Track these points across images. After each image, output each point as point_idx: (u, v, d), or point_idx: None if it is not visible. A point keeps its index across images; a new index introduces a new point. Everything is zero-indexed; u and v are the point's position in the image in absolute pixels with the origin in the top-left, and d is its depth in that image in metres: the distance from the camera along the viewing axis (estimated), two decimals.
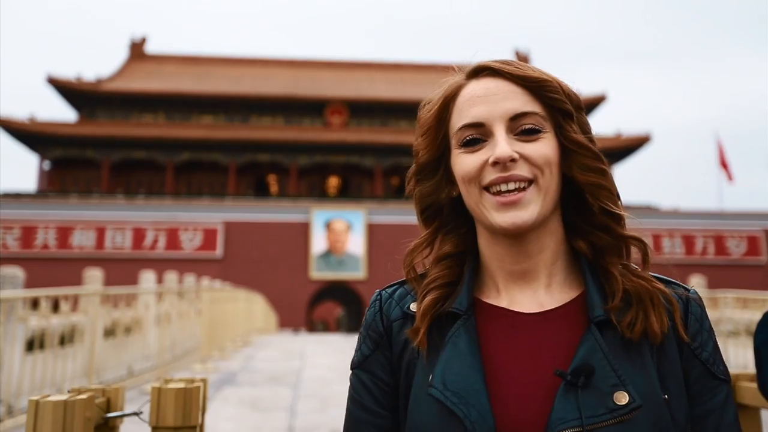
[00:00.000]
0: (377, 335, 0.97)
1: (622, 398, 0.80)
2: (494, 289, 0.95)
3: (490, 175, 0.87)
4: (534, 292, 0.92)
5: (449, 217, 0.99)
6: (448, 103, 0.94)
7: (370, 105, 41.10)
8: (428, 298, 0.93)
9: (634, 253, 0.95)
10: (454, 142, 0.93)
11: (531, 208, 0.87)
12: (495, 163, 0.87)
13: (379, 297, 1.01)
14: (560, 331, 0.89)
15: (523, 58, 45.53)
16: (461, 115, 0.91)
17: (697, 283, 11.91)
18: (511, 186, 0.86)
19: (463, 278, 0.95)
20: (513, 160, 0.86)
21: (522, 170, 0.87)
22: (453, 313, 0.91)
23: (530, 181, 0.87)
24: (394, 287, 1.01)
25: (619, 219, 0.93)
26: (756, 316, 10.35)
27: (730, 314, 9.62)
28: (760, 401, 1.52)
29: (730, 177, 35.72)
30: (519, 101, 0.89)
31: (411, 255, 0.99)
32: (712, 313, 10.30)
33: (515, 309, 0.92)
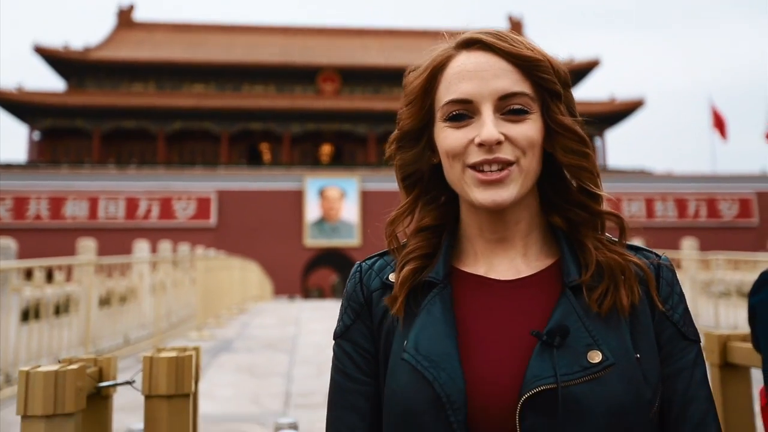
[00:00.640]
0: (358, 305, 0.99)
1: (596, 356, 0.83)
2: (472, 257, 0.97)
3: (475, 156, 0.88)
4: (511, 260, 0.95)
5: (429, 184, 1.00)
6: (435, 73, 0.93)
7: (363, 72, 40.75)
8: (407, 268, 0.94)
9: (612, 227, 0.97)
10: (439, 114, 0.92)
11: (511, 187, 0.88)
12: (480, 144, 0.87)
13: (359, 268, 1.02)
14: (536, 296, 0.91)
15: (516, 23, 45.08)
16: (449, 89, 0.91)
17: (689, 245, 11.98)
18: (494, 167, 0.88)
19: (441, 249, 0.96)
20: (498, 142, 0.87)
21: (506, 153, 0.87)
22: (429, 282, 0.93)
23: (512, 163, 0.88)
24: (374, 259, 1.03)
25: (597, 198, 0.94)
26: (747, 277, 10.45)
27: (721, 276, 9.70)
28: (750, 360, 1.53)
29: (723, 135, 35.67)
30: (509, 80, 0.89)
31: (392, 224, 1.00)
32: (704, 275, 10.40)
33: (492, 276, 0.94)
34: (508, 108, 0.88)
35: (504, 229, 0.94)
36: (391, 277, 0.97)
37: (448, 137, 0.90)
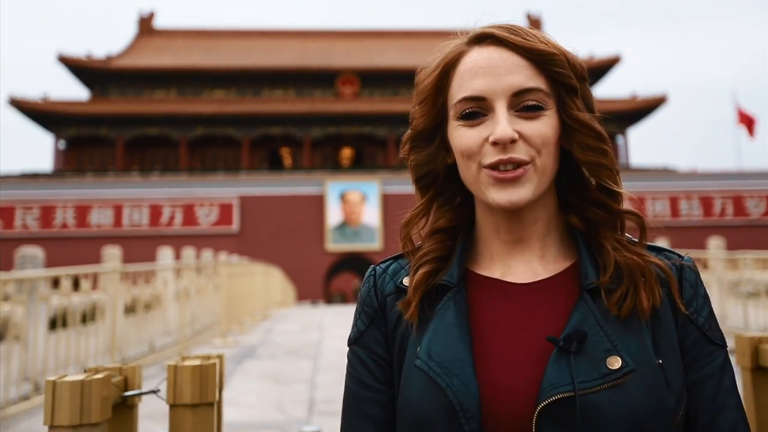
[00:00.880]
0: (372, 310, 0.97)
1: (615, 363, 0.80)
2: (488, 260, 0.95)
3: (491, 157, 0.85)
4: (528, 263, 0.92)
5: (444, 184, 0.98)
6: (447, 70, 0.91)
7: (381, 74, 40.80)
8: (420, 272, 0.93)
9: (632, 227, 0.94)
10: (452, 113, 0.90)
11: (527, 186, 0.86)
12: (494, 143, 0.85)
13: (373, 272, 1.00)
14: (553, 300, 0.89)
15: (534, 21, 44.87)
16: (462, 86, 0.89)
17: (716, 245, 11.80)
18: (509, 166, 0.85)
19: (455, 251, 0.95)
20: (513, 141, 0.84)
21: (520, 152, 0.85)
22: (444, 285, 0.91)
23: (527, 163, 0.86)
24: (388, 262, 1.01)
25: (616, 196, 0.92)
26: None
27: (750, 275, 9.53)
28: None
29: (751, 132, 35.10)
30: (523, 75, 0.86)
31: (407, 227, 0.98)
32: (732, 275, 10.23)
33: (508, 279, 0.92)
34: (522, 104, 0.86)
35: (521, 230, 0.92)
36: (405, 281, 0.95)
37: (462, 136, 0.88)
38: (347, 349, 1.00)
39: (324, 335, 10.42)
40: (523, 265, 0.92)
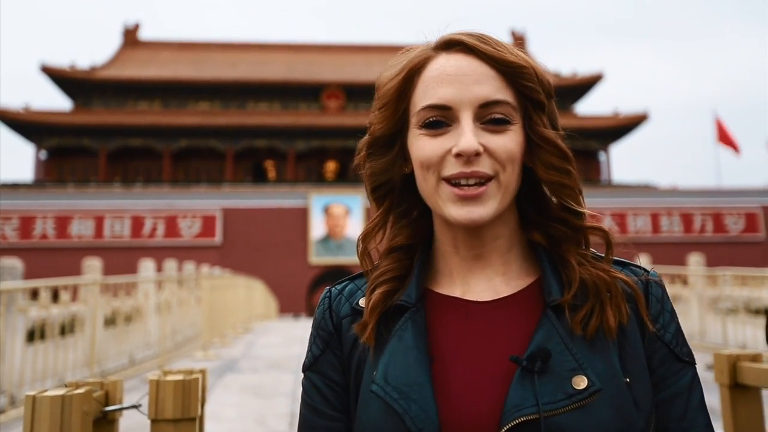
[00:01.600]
0: (327, 334, 0.93)
1: (581, 382, 0.77)
2: (448, 277, 0.91)
3: (452, 169, 0.82)
4: (489, 280, 0.89)
5: (401, 195, 0.93)
6: (412, 75, 0.87)
7: (366, 88, 40.85)
8: (377, 292, 0.88)
9: (598, 242, 0.91)
10: (414, 120, 0.86)
11: (489, 204, 0.82)
12: (458, 155, 0.81)
13: (328, 294, 0.97)
14: (515, 318, 0.85)
15: (519, 38, 45.27)
16: (426, 93, 0.84)
17: (696, 261, 11.91)
18: (471, 181, 0.82)
19: (413, 270, 0.91)
20: (477, 153, 0.81)
21: (484, 166, 0.81)
22: (401, 306, 0.87)
23: (491, 178, 0.82)
24: (344, 283, 0.97)
25: (579, 214, 0.88)
26: (755, 293, 10.38)
27: (729, 292, 9.63)
28: (761, 381, 1.52)
29: (736, 149, 35.40)
30: (491, 87, 0.83)
31: (364, 241, 0.94)
32: (711, 291, 10.32)
33: (469, 298, 0.88)
34: (489, 117, 0.82)
35: (481, 246, 0.88)
36: (362, 302, 0.91)
37: (423, 146, 0.84)
38: None
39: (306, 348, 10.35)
40: (483, 282, 0.89)
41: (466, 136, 0.81)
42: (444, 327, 0.87)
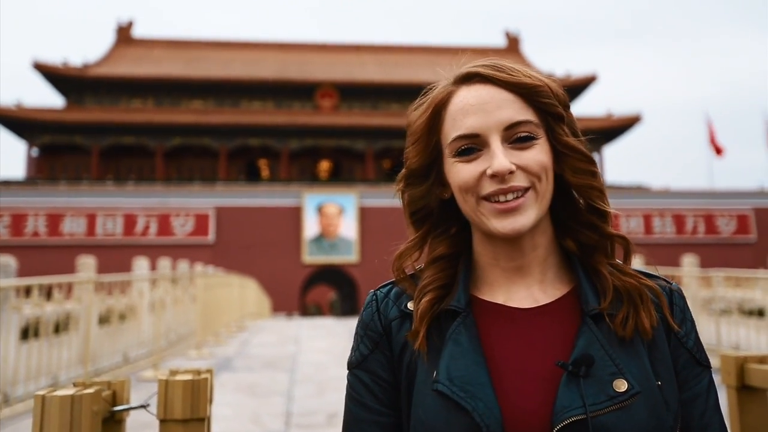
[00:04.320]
0: (376, 335, 0.98)
1: (622, 385, 0.84)
2: (489, 286, 0.97)
3: (489, 187, 0.89)
4: (528, 288, 0.95)
5: (439, 219, 1.01)
6: (438, 110, 0.95)
7: (360, 88, 40.94)
8: (424, 300, 0.94)
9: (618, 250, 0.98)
10: (448, 150, 0.93)
11: (529, 213, 0.89)
12: (493, 176, 0.88)
13: (374, 297, 1.01)
14: (555, 325, 0.92)
15: (513, 39, 45.37)
16: (455, 125, 0.92)
17: (689, 262, 11.96)
18: (510, 196, 0.88)
19: (458, 277, 0.96)
20: (511, 172, 0.87)
21: (519, 180, 0.88)
22: (451, 311, 0.93)
23: (527, 189, 0.89)
24: (388, 287, 1.02)
25: (605, 216, 0.95)
26: (747, 294, 10.43)
27: (722, 293, 9.68)
28: (767, 383, 1.52)
29: (718, 152, 35.75)
30: (512, 109, 0.90)
31: (400, 259, 1.00)
32: (705, 292, 10.37)
33: (511, 305, 0.94)
34: (515, 136, 0.89)
35: (521, 257, 0.94)
36: (410, 305, 0.97)
37: (459, 172, 0.91)
38: (324, 361, 1.01)
39: (301, 348, 10.36)
40: (523, 290, 0.95)
41: (498, 158, 0.88)
42: (490, 332, 0.93)
